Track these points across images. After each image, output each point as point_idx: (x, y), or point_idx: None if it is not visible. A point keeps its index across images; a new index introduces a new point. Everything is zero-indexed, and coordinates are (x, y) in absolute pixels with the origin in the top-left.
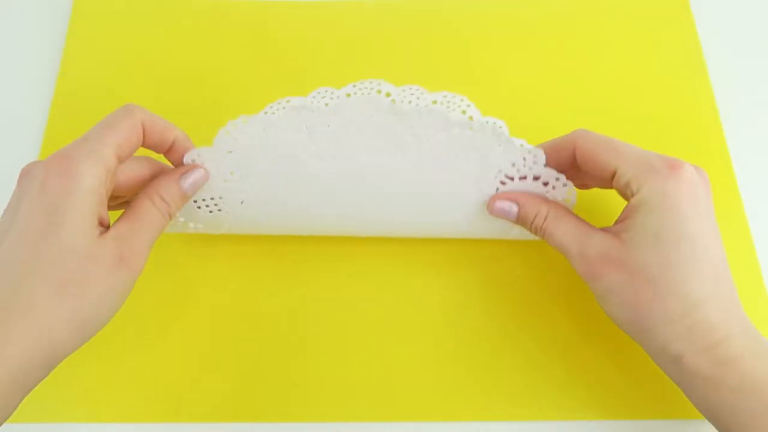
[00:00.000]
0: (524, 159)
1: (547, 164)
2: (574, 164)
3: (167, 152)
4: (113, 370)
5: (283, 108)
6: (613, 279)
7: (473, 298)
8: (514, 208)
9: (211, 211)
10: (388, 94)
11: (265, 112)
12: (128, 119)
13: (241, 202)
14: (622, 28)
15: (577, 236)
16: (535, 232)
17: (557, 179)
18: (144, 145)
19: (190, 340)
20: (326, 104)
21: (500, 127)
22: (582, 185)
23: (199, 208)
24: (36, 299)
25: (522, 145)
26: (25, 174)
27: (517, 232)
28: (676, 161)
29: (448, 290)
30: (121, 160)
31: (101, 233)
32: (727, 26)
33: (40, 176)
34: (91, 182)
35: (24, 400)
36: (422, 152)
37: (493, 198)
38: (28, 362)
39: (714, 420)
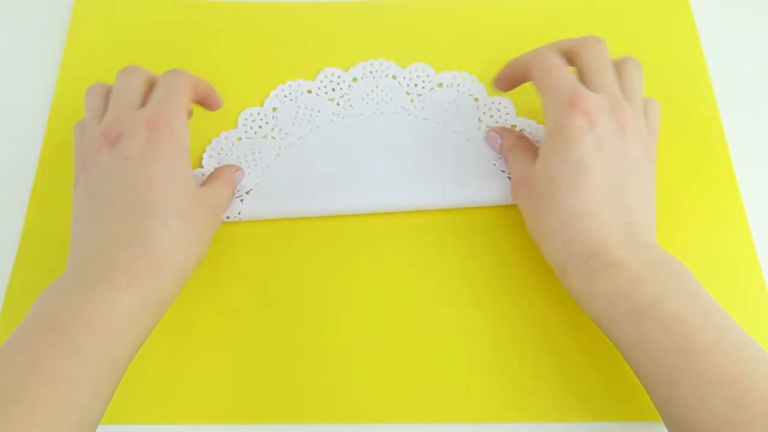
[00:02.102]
0: (498, 111)
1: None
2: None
3: (202, 103)
4: None
5: (295, 90)
6: (522, 196)
7: (469, 301)
8: (499, 139)
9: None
10: (393, 77)
11: (277, 95)
12: (188, 82)
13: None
14: (622, 28)
15: (521, 162)
16: (506, 158)
17: (529, 125)
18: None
19: (192, 342)
20: (333, 89)
21: (479, 85)
22: None
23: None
24: (169, 228)
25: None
26: (105, 134)
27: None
28: (579, 96)
29: (443, 293)
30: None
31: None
32: (727, 26)
33: (143, 132)
34: (185, 136)
35: None
36: (419, 109)
37: (488, 129)
38: (162, 280)
39: (597, 324)
